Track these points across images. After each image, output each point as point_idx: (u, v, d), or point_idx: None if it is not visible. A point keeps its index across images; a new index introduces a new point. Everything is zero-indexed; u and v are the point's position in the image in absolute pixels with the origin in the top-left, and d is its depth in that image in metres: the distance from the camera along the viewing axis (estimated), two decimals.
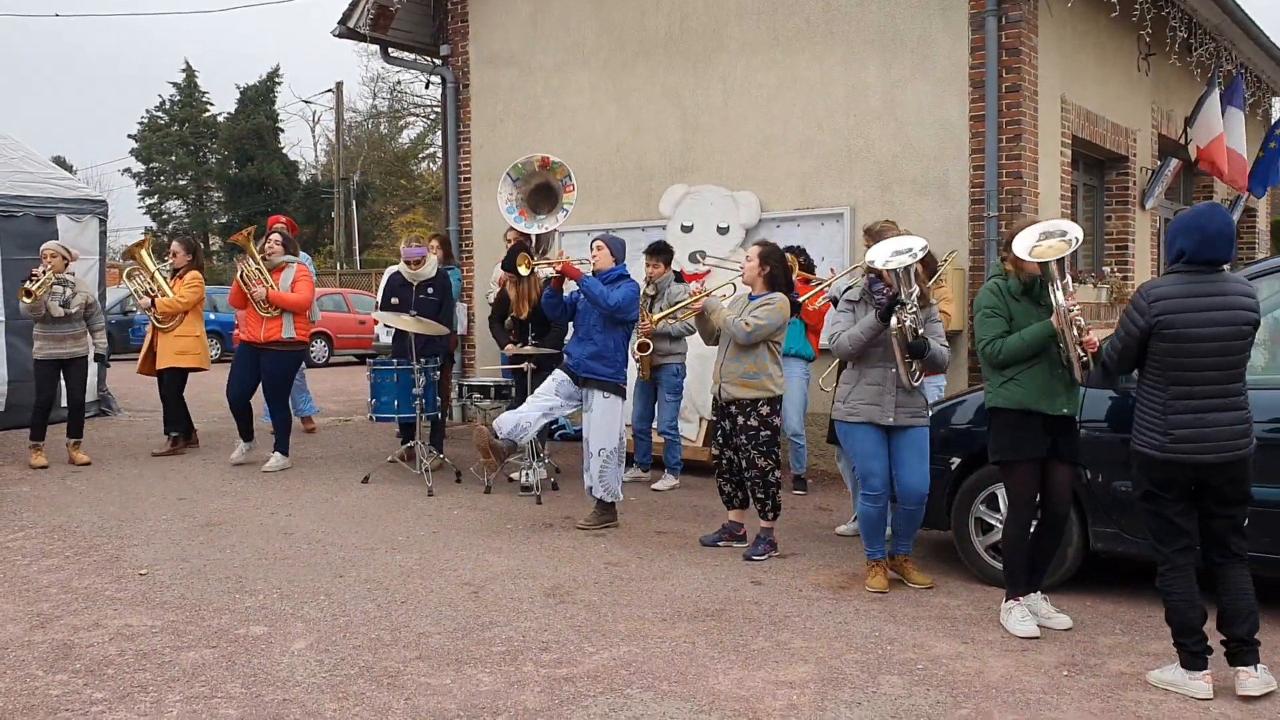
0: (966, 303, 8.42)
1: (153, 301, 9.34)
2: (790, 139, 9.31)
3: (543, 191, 8.37)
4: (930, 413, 5.67)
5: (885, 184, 8.83)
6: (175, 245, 9.86)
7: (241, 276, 8.52)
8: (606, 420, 6.73)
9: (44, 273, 8.60)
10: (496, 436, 6.61)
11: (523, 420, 6.67)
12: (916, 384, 5.45)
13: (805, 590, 5.58)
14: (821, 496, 8.03)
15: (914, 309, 5.27)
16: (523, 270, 6.99)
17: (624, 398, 6.82)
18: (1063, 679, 4.36)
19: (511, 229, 8.55)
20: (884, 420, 5.45)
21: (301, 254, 10.42)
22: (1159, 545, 4.31)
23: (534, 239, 8.29)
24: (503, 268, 8.16)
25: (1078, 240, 4.80)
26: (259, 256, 8.63)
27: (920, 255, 5.31)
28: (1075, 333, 4.74)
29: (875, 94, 8.88)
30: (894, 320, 5.25)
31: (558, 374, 6.87)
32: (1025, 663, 4.54)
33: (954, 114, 8.53)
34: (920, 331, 5.31)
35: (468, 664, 4.44)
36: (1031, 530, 5.04)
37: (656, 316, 7.61)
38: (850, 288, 6.37)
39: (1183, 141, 11.27)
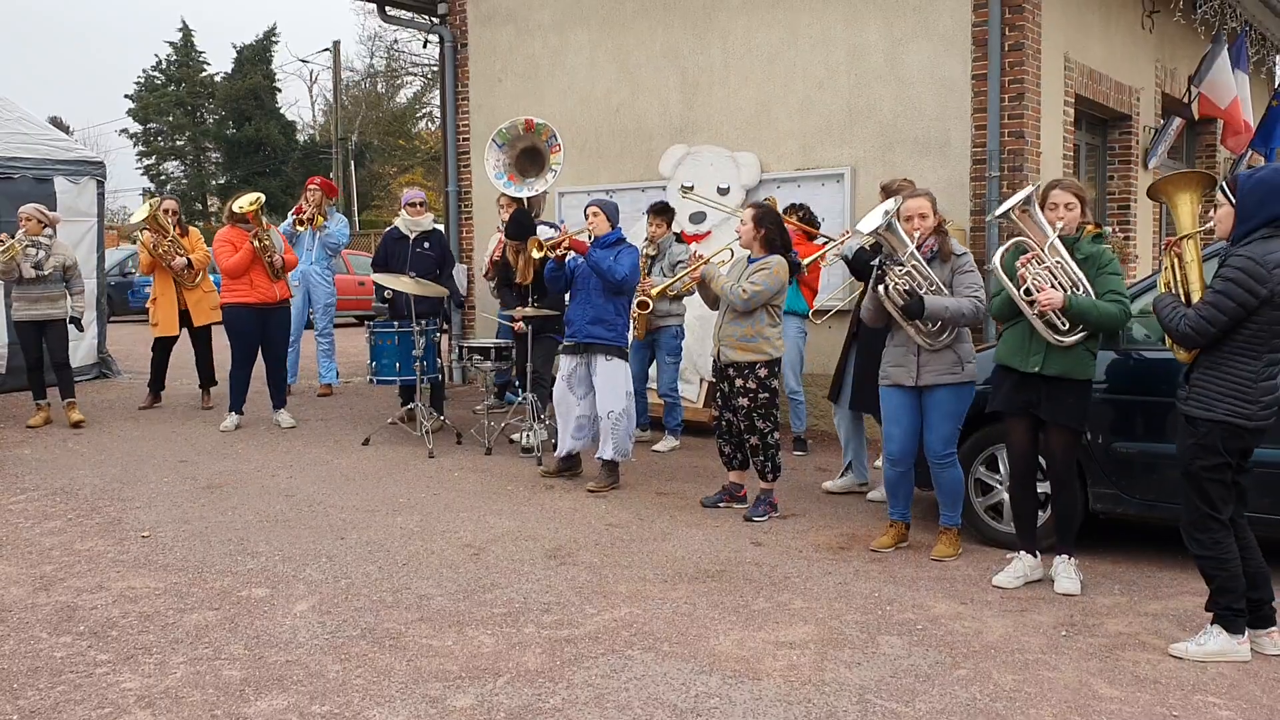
0: None
1: (189, 262, 9.50)
2: (791, 99, 9.23)
3: (530, 154, 8.30)
4: (973, 366, 5.36)
5: (887, 144, 8.77)
6: (174, 204, 9.90)
7: (261, 245, 8.63)
8: (612, 383, 6.78)
9: (11, 239, 8.63)
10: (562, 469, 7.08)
11: (580, 440, 7.05)
12: (936, 345, 5.28)
13: (805, 551, 5.61)
14: (821, 457, 8.04)
15: (907, 269, 5.24)
16: (535, 254, 7.01)
17: (626, 360, 6.87)
18: (1061, 639, 4.39)
19: (503, 194, 8.51)
20: (908, 381, 5.38)
21: (338, 215, 10.47)
22: (1215, 512, 4.16)
23: (526, 201, 8.25)
24: (506, 236, 8.08)
25: (1029, 193, 4.91)
26: (264, 226, 8.72)
27: (888, 216, 5.27)
28: (1020, 291, 4.84)
29: (877, 53, 8.80)
30: (881, 286, 5.30)
31: (564, 368, 6.94)
32: (1024, 623, 4.57)
33: (956, 73, 8.45)
34: (923, 290, 5.21)
35: (469, 625, 4.46)
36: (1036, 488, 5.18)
37: (655, 290, 7.59)
38: (863, 248, 6.34)
39: (1186, 100, 11.18)
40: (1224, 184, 4.20)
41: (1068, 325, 4.84)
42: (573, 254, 6.86)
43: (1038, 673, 4.04)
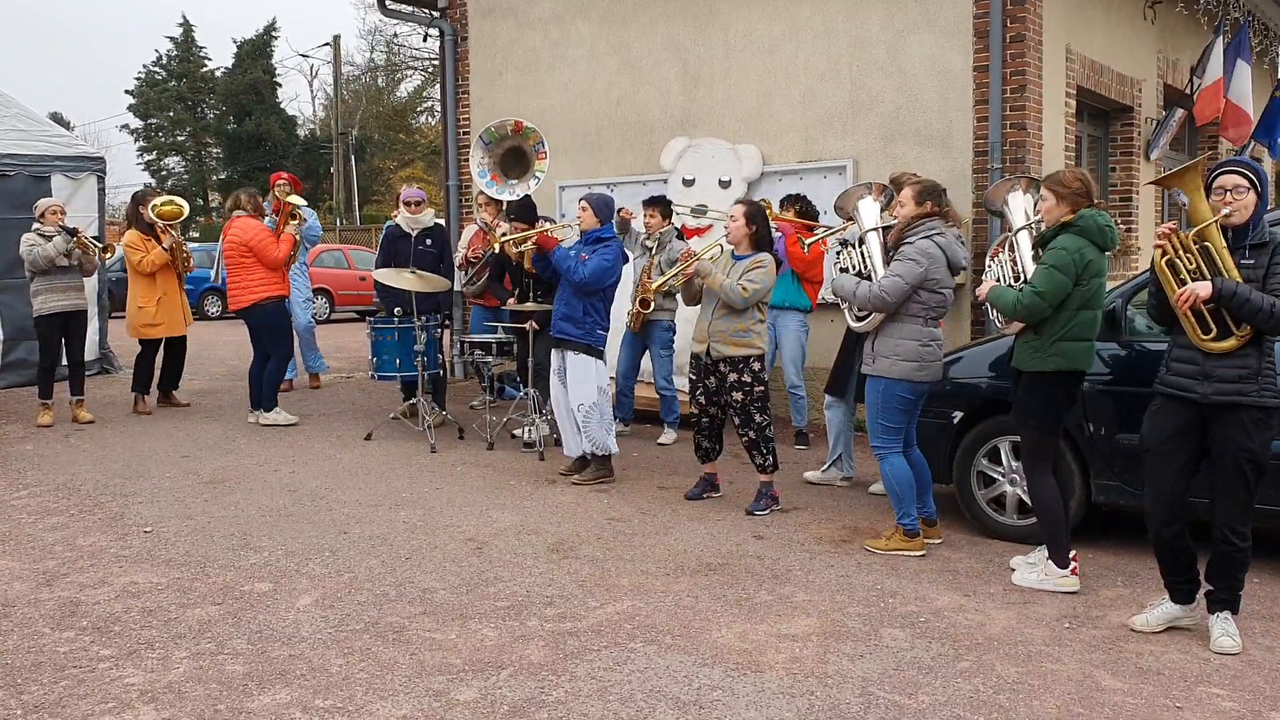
0: (970, 256, 8.38)
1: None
2: (792, 91, 9.22)
3: (514, 155, 8.30)
4: (890, 361, 5.30)
5: (888, 136, 8.75)
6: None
7: (298, 239, 8.99)
8: (581, 377, 6.79)
9: (62, 230, 8.65)
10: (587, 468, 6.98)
11: (575, 434, 6.95)
12: (861, 328, 5.46)
13: (807, 544, 5.61)
14: (823, 451, 8.02)
15: (858, 251, 5.58)
16: (496, 247, 7.05)
17: (597, 356, 6.85)
18: (1064, 631, 4.39)
19: (483, 193, 8.54)
20: (860, 366, 5.61)
21: (306, 209, 10.36)
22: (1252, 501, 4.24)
23: (505, 203, 8.26)
24: (515, 216, 8.02)
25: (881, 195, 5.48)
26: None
27: (864, 195, 5.69)
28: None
29: (879, 45, 8.78)
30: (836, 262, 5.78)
31: (554, 363, 6.98)
32: (1027, 615, 4.56)
33: (958, 65, 8.43)
34: (855, 269, 5.55)
35: (472, 619, 4.46)
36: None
37: (654, 285, 7.57)
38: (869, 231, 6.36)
39: (1188, 91, 11.16)
40: (1248, 173, 4.19)
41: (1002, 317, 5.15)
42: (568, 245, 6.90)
43: (1041, 665, 4.03)
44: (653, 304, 7.98)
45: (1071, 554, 4.93)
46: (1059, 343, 4.81)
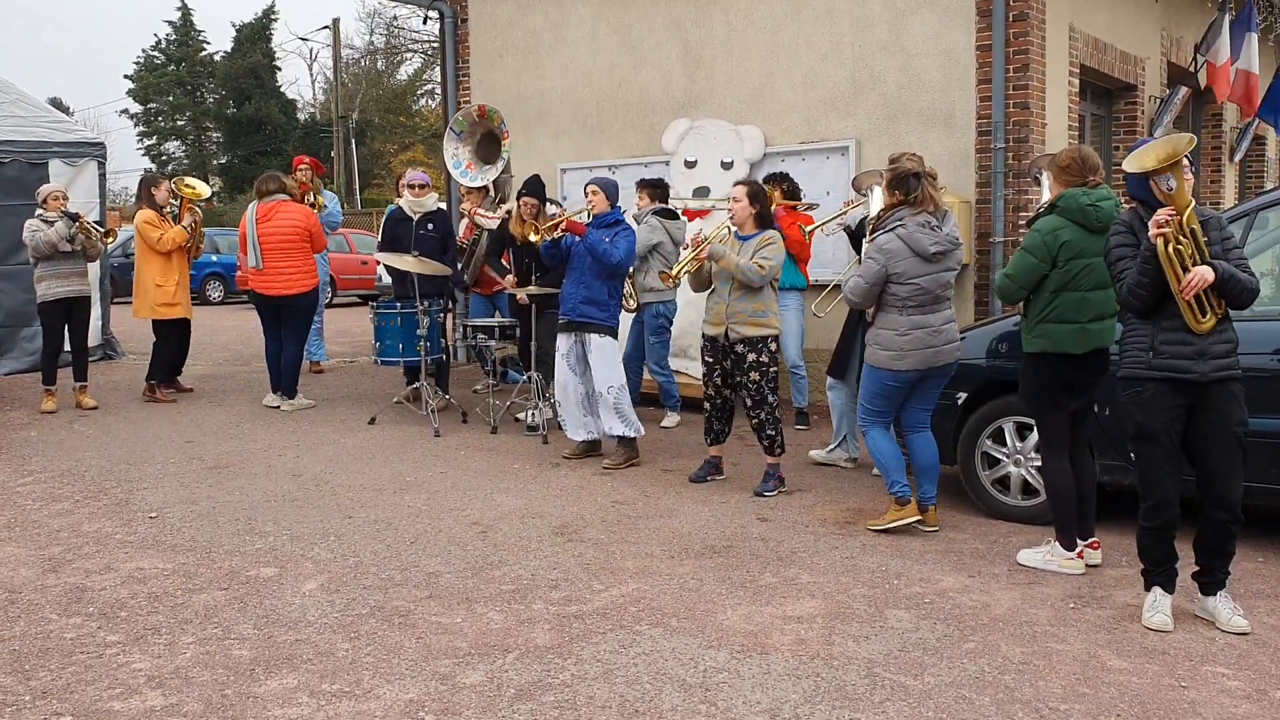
0: (973, 236, 8.36)
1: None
2: (795, 71, 9.18)
3: (489, 141, 8.30)
4: (871, 350, 5.40)
5: (891, 116, 8.72)
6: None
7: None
8: (606, 359, 6.80)
9: (64, 216, 8.60)
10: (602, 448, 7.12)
11: (589, 421, 7.02)
12: (869, 318, 5.52)
13: (811, 526, 5.61)
14: (825, 432, 8.02)
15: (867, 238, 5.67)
16: (533, 238, 6.97)
17: (615, 338, 6.91)
18: (1069, 611, 4.39)
19: (459, 183, 8.56)
20: None
21: (327, 192, 10.40)
22: None
23: (492, 186, 8.24)
24: (527, 192, 7.95)
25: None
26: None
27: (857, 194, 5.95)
28: None
29: (881, 24, 8.74)
30: None
31: (562, 346, 6.92)
32: (1032, 596, 4.57)
33: (961, 44, 8.39)
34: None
35: (478, 603, 4.47)
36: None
37: (675, 270, 7.52)
38: (866, 217, 6.35)
39: (1192, 69, 11.09)
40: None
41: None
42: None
43: (1046, 645, 4.04)
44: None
45: (1092, 540, 4.98)
46: (1041, 324, 4.79)
